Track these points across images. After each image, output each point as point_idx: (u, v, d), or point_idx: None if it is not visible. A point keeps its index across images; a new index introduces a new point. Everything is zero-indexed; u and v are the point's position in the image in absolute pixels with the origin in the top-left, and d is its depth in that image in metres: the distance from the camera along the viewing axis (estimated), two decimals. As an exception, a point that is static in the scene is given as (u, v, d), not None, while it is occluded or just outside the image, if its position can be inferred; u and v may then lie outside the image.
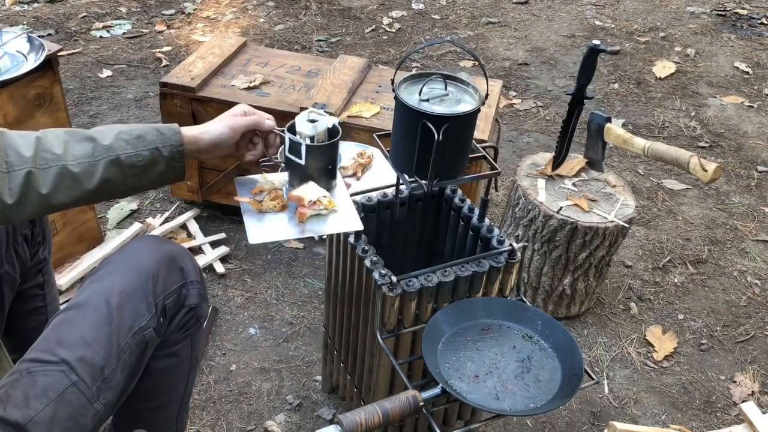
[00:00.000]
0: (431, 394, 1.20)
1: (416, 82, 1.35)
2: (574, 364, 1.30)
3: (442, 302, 1.46)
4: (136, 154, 1.22)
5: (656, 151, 2.03)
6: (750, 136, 3.47)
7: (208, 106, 2.39)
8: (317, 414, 1.97)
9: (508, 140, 3.31)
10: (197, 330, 1.43)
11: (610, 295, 2.47)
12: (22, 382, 1.15)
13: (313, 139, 1.38)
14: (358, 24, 4.36)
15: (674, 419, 2.06)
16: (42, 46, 2.08)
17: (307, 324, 2.26)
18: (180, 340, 1.40)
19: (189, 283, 1.35)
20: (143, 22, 4.23)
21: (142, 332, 1.27)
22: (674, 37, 4.42)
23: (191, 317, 1.37)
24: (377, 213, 1.62)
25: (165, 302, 1.31)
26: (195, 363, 1.49)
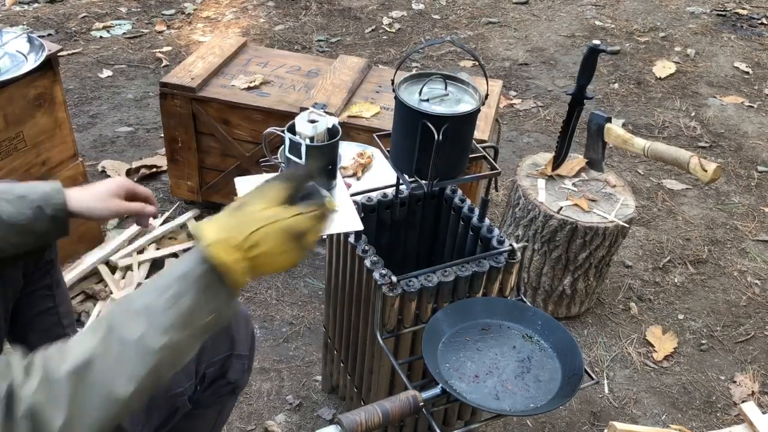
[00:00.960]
0: (431, 394, 1.20)
1: (416, 82, 1.35)
2: (574, 364, 1.30)
3: (442, 302, 1.46)
4: (19, 213, 1.17)
5: (656, 151, 2.03)
6: (750, 136, 3.47)
7: (208, 106, 2.39)
8: (317, 414, 1.98)
9: (508, 140, 3.31)
10: (230, 398, 1.39)
11: (610, 295, 2.47)
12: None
13: (313, 139, 1.38)
14: (358, 24, 4.36)
15: (674, 419, 2.06)
16: (42, 46, 2.08)
17: (307, 324, 2.26)
18: (209, 404, 1.35)
19: (235, 356, 1.29)
20: (143, 22, 4.23)
21: (176, 398, 1.23)
22: (674, 37, 4.42)
23: (228, 389, 1.33)
24: (377, 213, 1.62)
25: (206, 370, 1.26)
26: (220, 424, 1.44)
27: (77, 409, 0.82)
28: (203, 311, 0.91)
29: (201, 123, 2.43)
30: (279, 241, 0.94)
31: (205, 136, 2.47)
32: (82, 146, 3.00)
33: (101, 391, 0.84)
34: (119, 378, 0.85)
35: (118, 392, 0.85)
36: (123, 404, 0.86)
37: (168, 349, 0.88)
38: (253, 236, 0.92)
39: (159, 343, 0.87)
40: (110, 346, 0.86)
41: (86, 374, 0.84)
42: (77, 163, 2.37)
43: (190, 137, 2.46)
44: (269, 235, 0.93)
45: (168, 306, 0.89)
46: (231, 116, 2.39)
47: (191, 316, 0.90)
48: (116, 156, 3.01)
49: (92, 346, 0.85)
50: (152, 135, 3.17)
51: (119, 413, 0.86)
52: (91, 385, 0.83)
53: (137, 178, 2.86)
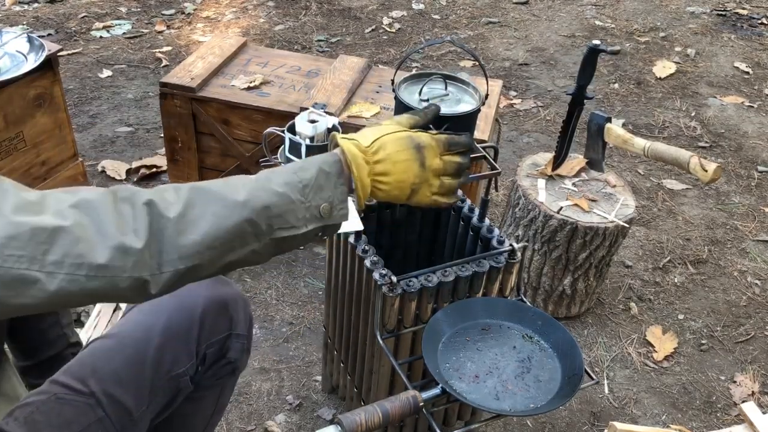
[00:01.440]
0: (431, 394, 1.20)
1: (416, 82, 1.35)
2: (574, 364, 1.30)
3: (442, 302, 1.46)
4: None
5: (656, 151, 2.03)
6: (750, 136, 3.47)
7: (208, 106, 2.39)
8: (317, 414, 1.97)
9: (508, 140, 3.31)
10: (230, 379, 1.40)
11: (610, 295, 2.47)
12: (49, 408, 1.13)
13: (313, 139, 1.38)
14: (358, 24, 4.36)
15: (674, 419, 2.05)
16: (42, 46, 2.08)
17: (307, 324, 2.26)
18: (210, 386, 1.36)
19: (235, 336, 1.31)
20: (143, 22, 4.23)
21: (178, 378, 1.24)
22: (674, 37, 4.42)
23: (229, 369, 1.34)
24: (377, 213, 1.62)
25: (207, 350, 1.27)
26: (220, 408, 1.45)
27: (191, 210, 0.90)
28: (321, 192, 0.99)
29: (201, 123, 2.43)
30: (400, 147, 1.06)
31: (205, 136, 2.47)
32: (82, 146, 3.00)
33: (215, 203, 0.92)
34: (234, 195, 0.93)
35: (234, 204, 0.93)
36: (234, 223, 0.92)
37: (282, 198, 0.96)
38: (377, 142, 1.05)
39: (276, 188, 0.96)
40: (231, 181, 0.96)
41: (205, 191, 0.93)
42: (77, 163, 2.38)
43: (190, 137, 2.46)
44: (391, 140, 1.06)
45: (291, 171, 0.99)
46: (231, 116, 2.39)
47: (308, 188, 0.98)
48: (116, 156, 3.01)
49: (214, 181, 0.96)
50: (152, 135, 3.17)
51: (228, 233, 0.92)
52: (208, 198, 0.92)
53: (137, 178, 2.86)
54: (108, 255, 0.84)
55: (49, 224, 0.82)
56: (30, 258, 0.81)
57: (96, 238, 0.84)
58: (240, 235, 0.93)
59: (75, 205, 0.85)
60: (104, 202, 0.87)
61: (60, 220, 0.83)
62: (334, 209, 1.01)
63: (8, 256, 0.80)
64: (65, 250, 0.82)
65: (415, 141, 1.07)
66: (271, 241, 0.96)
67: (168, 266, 0.89)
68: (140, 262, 0.86)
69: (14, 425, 1.12)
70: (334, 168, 1.01)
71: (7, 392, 1.24)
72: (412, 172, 1.07)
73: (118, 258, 0.85)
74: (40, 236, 0.81)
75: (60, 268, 0.83)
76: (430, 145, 1.08)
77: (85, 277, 0.83)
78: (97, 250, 0.84)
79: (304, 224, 0.98)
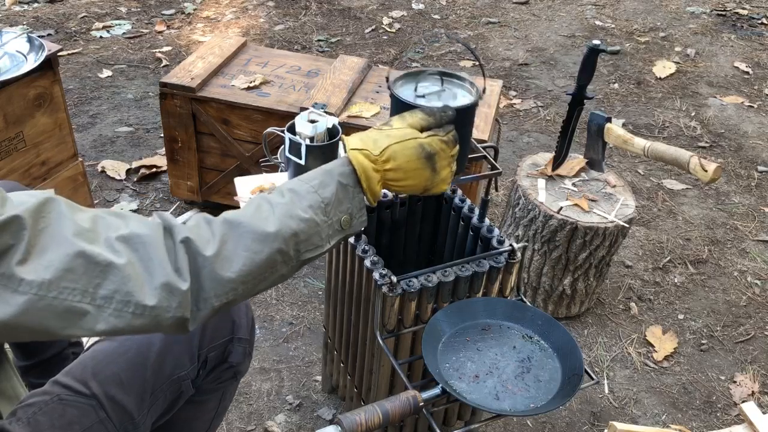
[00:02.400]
0: (431, 394, 1.20)
1: (411, 80, 1.33)
2: (574, 364, 1.30)
3: (442, 302, 1.46)
4: None
5: (656, 151, 2.03)
6: (750, 136, 3.47)
7: (208, 106, 2.39)
8: (317, 414, 1.97)
9: (508, 140, 3.31)
10: (231, 384, 1.40)
11: (610, 295, 2.47)
12: (51, 408, 1.14)
13: (313, 139, 1.38)
14: (358, 24, 4.36)
15: (674, 419, 2.06)
16: (42, 46, 2.08)
17: (307, 324, 2.26)
18: (211, 390, 1.36)
19: (236, 340, 1.31)
20: (143, 22, 4.23)
21: (180, 381, 1.24)
22: (674, 37, 4.42)
23: (230, 373, 1.34)
24: (377, 213, 1.62)
25: (209, 354, 1.28)
26: (221, 412, 1.46)
27: (225, 247, 0.93)
28: (340, 206, 1.03)
29: (201, 123, 2.43)
30: (411, 157, 1.07)
31: (205, 136, 2.47)
32: (82, 146, 3.00)
33: (247, 237, 0.94)
34: (265, 226, 0.95)
35: (265, 237, 0.95)
36: (266, 256, 0.95)
37: (308, 224, 0.99)
38: (388, 151, 1.06)
39: (302, 214, 0.98)
40: (261, 210, 0.98)
41: (237, 225, 0.95)
42: (77, 163, 2.38)
43: (190, 137, 2.46)
44: (402, 150, 1.07)
45: (312, 190, 1.01)
46: (231, 116, 2.39)
47: (330, 206, 1.01)
48: (116, 156, 3.01)
49: (244, 211, 0.98)
50: (152, 135, 3.17)
51: (260, 267, 0.95)
52: (240, 232, 0.94)
53: (137, 178, 2.86)
54: (156, 295, 0.87)
55: (102, 259, 0.85)
56: (82, 291, 0.84)
57: (145, 277, 0.87)
58: (271, 266, 0.97)
59: (126, 239, 0.88)
60: (154, 238, 0.89)
61: (112, 255, 0.86)
62: (353, 219, 1.05)
63: (64, 288, 0.83)
64: (116, 287, 0.85)
65: (426, 150, 1.08)
66: (297, 263, 1.00)
67: (205, 304, 0.92)
68: (184, 302, 0.89)
69: (17, 426, 1.12)
70: (351, 179, 1.04)
71: (8, 392, 1.24)
72: (424, 177, 1.09)
73: (165, 298, 0.88)
74: (93, 271, 0.84)
75: (109, 303, 0.85)
76: (442, 150, 1.10)
77: (131, 314, 0.86)
78: (145, 289, 0.87)
79: (327, 241, 1.02)
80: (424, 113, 1.12)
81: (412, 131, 1.09)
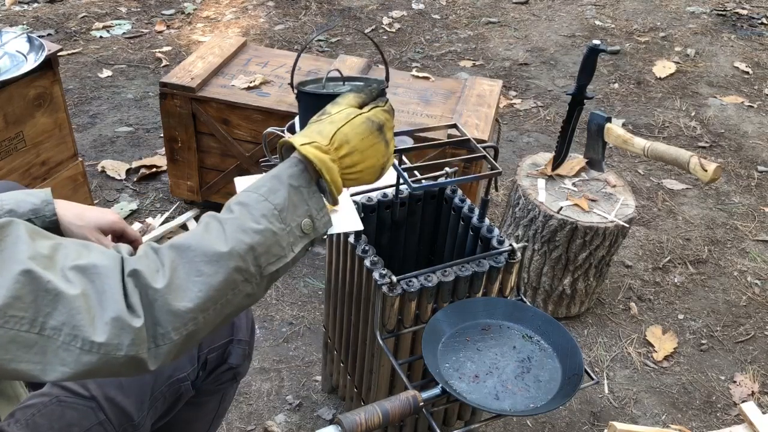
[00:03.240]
0: (431, 394, 1.20)
1: (317, 83, 1.33)
2: (574, 364, 1.30)
3: (442, 302, 1.46)
4: None
5: (656, 151, 2.03)
6: (750, 136, 3.47)
7: (208, 106, 2.39)
8: (317, 414, 1.97)
9: (508, 140, 3.31)
10: (231, 385, 1.40)
11: (610, 295, 2.47)
12: (50, 410, 1.14)
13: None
14: (358, 24, 4.36)
15: (674, 419, 2.06)
16: (42, 46, 2.08)
17: (307, 324, 2.26)
18: (211, 392, 1.36)
19: (236, 341, 1.31)
20: (143, 22, 4.23)
21: (179, 383, 1.24)
22: (674, 37, 4.42)
23: (230, 375, 1.34)
24: (377, 213, 1.62)
25: (208, 356, 1.27)
26: (221, 413, 1.46)
27: (176, 275, 0.86)
28: (297, 210, 0.95)
29: (201, 123, 2.43)
30: (364, 134, 1.00)
31: (205, 136, 2.47)
32: (81, 146, 3.00)
33: (198, 261, 0.87)
34: (216, 246, 0.88)
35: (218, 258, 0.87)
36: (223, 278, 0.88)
37: (263, 235, 0.91)
38: (338, 136, 0.98)
39: (255, 225, 0.91)
40: (210, 229, 0.91)
41: (185, 249, 0.88)
42: (77, 163, 2.38)
43: (190, 137, 2.46)
44: (352, 130, 0.99)
45: (262, 198, 0.93)
46: (231, 116, 2.39)
47: (285, 212, 0.93)
48: (116, 156, 3.01)
49: (192, 233, 0.91)
50: (152, 135, 3.17)
51: (219, 291, 0.88)
52: (190, 257, 0.87)
53: (137, 178, 2.86)
54: (106, 331, 0.81)
55: (53, 287, 0.79)
56: (31, 320, 0.79)
57: (97, 310, 0.81)
58: (231, 286, 0.89)
59: (82, 269, 0.82)
60: (111, 269, 0.84)
61: (64, 284, 0.80)
62: (315, 221, 0.97)
63: (11, 316, 0.78)
64: (64, 319, 0.79)
65: (375, 122, 1.01)
66: (262, 279, 0.93)
67: (163, 339, 0.85)
68: (137, 340, 0.82)
69: (16, 427, 1.12)
70: (302, 179, 0.96)
71: (8, 392, 1.24)
72: (381, 153, 1.03)
73: (115, 335, 0.81)
74: (43, 299, 0.79)
75: (58, 335, 0.80)
76: (387, 120, 1.04)
77: (79, 350, 0.80)
78: (96, 324, 0.81)
79: (291, 249, 0.95)
80: (354, 92, 1.05)
81: (353, 110, 1.02)
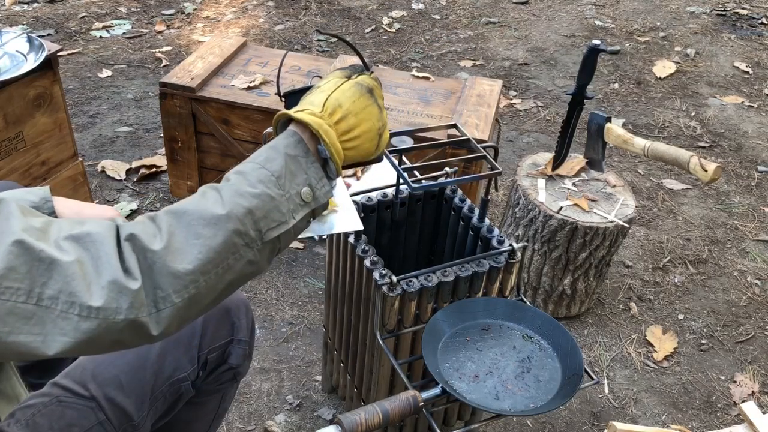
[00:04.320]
0: (431, 394, 1.20)
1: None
2: (574, 364, 1.30)
3: (442, 302, 1.46)
4: None
5: (656, 151, 2.03)
6: (750, 136, 3.47)
7: (208, 106, 2.39)
8: (317, 414, 1.97)
9: (508, 140, 3.31)
10: (231, 385, 1.40)
11: (610, 295, 2.47)
12: (50, 410, 1.14)
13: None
14: (358, 24, 4.36)
15: (674, 419, 2.05)
16: (42, 46, 2.08)
17: (307, 324, 2.26)
18: (211, 392, 1.36)
19: (236, 341, 1.31)
20: (143, 22, 4.23)
21: (180, 383, 1.24)
22: (674, 37, 4.42)
23: (230, 375, 1.34)
24: (377, 213, 1.62)
25: (209, 356, 1.27)
26: (221, 413, 1.45)
27: (174, 238, 0.85)
28: (295, 178, 0.95)
29: (201, 123, 2.43)
30: (355, 96, 1.00)
31: (205, 136, 2.47)
32: (81, 146, 3.00)
33: (197, 224, 0.87)
34: (213, 209, 0.88)
35: (216, 220, 0.87)
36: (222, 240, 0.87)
37: (261, 199, 0.91)
38: (329, 101, 0.99)
39: (252, 189, 0.91)
40: (206, 195, 0.91)
41: (182, 213, 0.88)
42: (77, 163, 2.37)
43: (190, 137, 2.46)
44: (343, 94, 1.00)
45: (259, 166, 0.93)
46: (231, 116, 2.39)
47: (282, 179, 0.93)
48: (116, 156, 3.01)
49: (189, 200, 0.91)
50: (152, 135, 3.17)
51: (219, 253, 0.87)
52: (188, 220, 0.87)
53: (137, 178, 2.86)
54: (103, 295, 0.80)
55: (46, 256, 0.79)
56: (27, 291, 0.78)
57: (93, 276, 0.80)
58: (232, 250, 0.88)
59: (76, 238, 0.82)
60: (105, 236, 0.83)
61: (57, 252, 0.80)
62: (315, 190, 0.97)
63: (6, 288, 0.77)
64: (60, 286, 0.79)
65: (363, 86, 1.01)
66: (264, 245, 0.92)
67: (164, 303, 0.84)
68: (136, 303, 0.82)
69: (16, 427, 1.12)
70: (299, 149, 0.96)
71: (7, 392, 1.24)
72: (375, 116, 1.02)
73: (113, 299, 0.80)
74: (38, 269, 0.79)
75: (56, 304, 0.79)
76: (376, 87, 1.04)
77: (78, 316, 0.80)
78: (92, 289, 0.80)
79: (291, 216, 0.94)
80: (340, 70, 1.05)
81: (341, 78, 1.03)
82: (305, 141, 0.97)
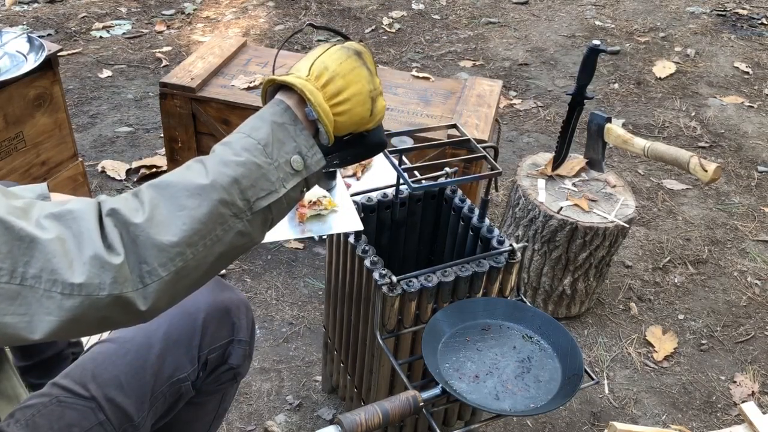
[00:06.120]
0: (431, 394, 1.20)
1: None
2: (575, 364, 1.30)
3: (442, 302, 1.46)
4: None
5: (656, 151, 2.03)
6: (750, 136, 3.47)
7: (208, 106, 2.39)
8: (317, 414, 1.97)
9: (508, 140, 3.31)
10: (231, 385, 1.40)
11: (610, 295, 2.47)
12: (50, 411, 1.14)
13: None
14: (358, 24, 4.36)
15: (674, 419, 2.05)
16: (42, 46, 2.08)
17: (307, 324, 2.26)
18: (211, 392, 1.36)
19: (236, 342, 1.31)
20: (143, 22, 4.23)
21: (180, 383, 1.24)
22: (674, 37, 4.42)
23: (230, 375, 1.34)
24: (377, 213, 1.62)
25: (209, 356, 1.27)
26: (221, 413, 1.45)
27: (158, 210, 0.83)
28: (284, 146, 0.92)
29: (201, 123, 2.43)
30: (342, 58, 0.97)
31: (205, 136, 2.47)
32: (81, 146, 3.00)
33: (180, 195, 0.85)
34: (197, 179, 0.86)
35: (200, 190, 0.85)
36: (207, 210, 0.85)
37: (247, 167, 0.88)
38: (315, 65, 0.96)
39: (236, 158, 0.88)
40: (190, 167, 0.89)
41: (165, 185, 0.86)
42: (77, 163, 2.38)
43: (190, 137, 2.46)
44: (329, 57, 0.97)
45: (244, 135, 0.91)
46: (231, 116, 2.39)
47: (269, 146, 0.90)
48: (116, 156, 3.01)
49: (172, 172, 0.88)
50: (152, 135, 3.17)
51: (205, 223, 0.85)
52: (171, 192, 0.85)
53: (137, 178, 2.86)
54: (84, 271, 0.79)
55: (26, 234, 0.78)
56: (10, 271, 0.77)
57: (75, 253, 0.79)
58: (219, 221, 0.86)
59: (57, 216, 0.81)
60: (86, 212, 0.82)
61: (38, 230, 0.79)
62: (306, 158, 0.93)
63: None
64: (41, 264, 0.78)
65: (351, 49, 0.98)
66: (254, 215, 0.89)
67: (150, 277, 0.82)
68: (119, 278, 0.80)
69: (15, 428, 1.12)
70: (286, 116, 0.93)
71: (7, 392, 1.24)
72: (365, 78, 0.98)
73: (96, 274, 0.79)
74: (19, 248, 0.78)
75: (39, 282, 0.78)
76: (364, 50, 1.01)
77: (60, 294, 0.78)
78: (74, 266, 0.78)
79: (281, 185, 0.91)
80: (325, 45, 1.02)
81: (326, 45, 1.00)
82: (292, 108, 0.94)
